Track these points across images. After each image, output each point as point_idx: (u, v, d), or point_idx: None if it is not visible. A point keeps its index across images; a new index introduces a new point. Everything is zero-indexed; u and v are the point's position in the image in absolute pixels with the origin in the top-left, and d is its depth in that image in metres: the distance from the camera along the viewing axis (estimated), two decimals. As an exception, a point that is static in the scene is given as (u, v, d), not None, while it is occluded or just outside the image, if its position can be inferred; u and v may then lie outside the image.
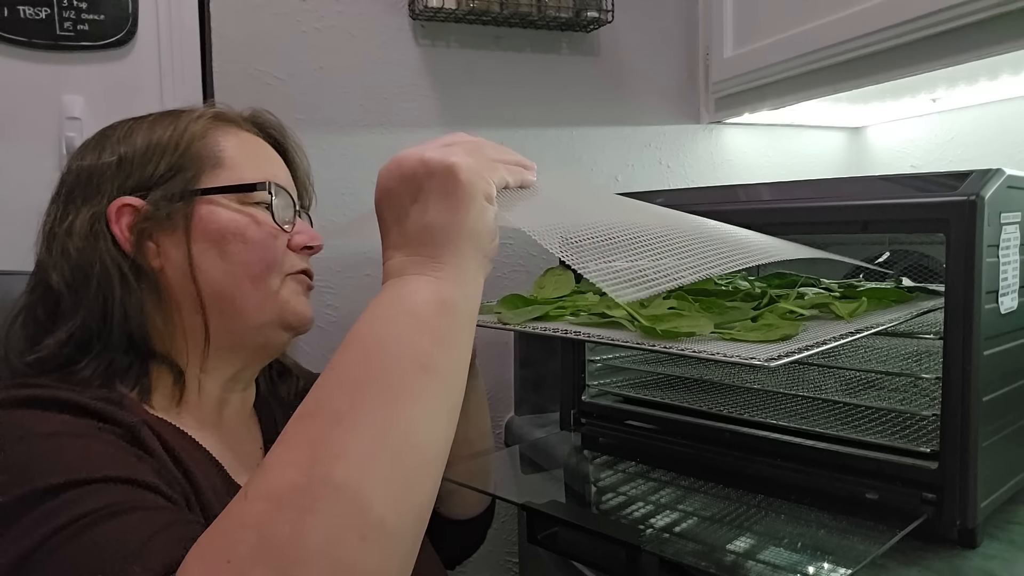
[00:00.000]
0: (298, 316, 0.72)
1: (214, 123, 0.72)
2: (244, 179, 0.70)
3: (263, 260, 0.69)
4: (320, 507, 0.41)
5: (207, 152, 0.69)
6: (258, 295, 0.69)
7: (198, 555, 0.42)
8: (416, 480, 0.45)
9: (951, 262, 0.68)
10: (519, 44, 1.35)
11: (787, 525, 0.75)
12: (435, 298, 0.50)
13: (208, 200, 0.68)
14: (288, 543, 0.40)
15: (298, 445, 0.44)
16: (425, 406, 0.46)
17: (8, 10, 1.04)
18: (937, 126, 1.41)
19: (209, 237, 0.67)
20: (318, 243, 0.75)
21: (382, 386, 0.45)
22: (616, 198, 0.76)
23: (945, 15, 0.98)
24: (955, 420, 0.69)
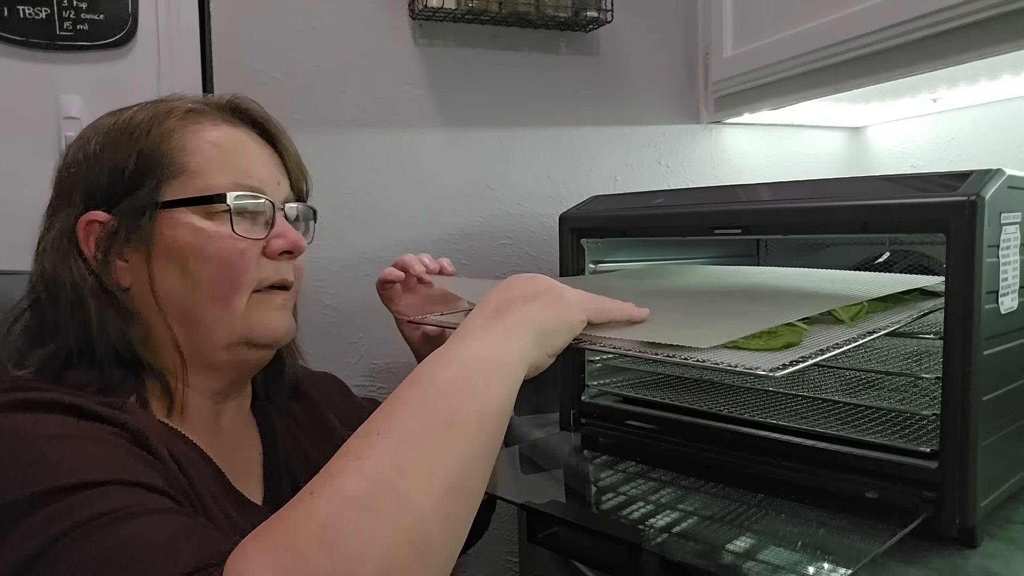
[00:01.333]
0: (268, 334, 0.68)
1: (184, 121, 0.67)
2: (208, 186, 0.66)
3: (225, 279, 0.65)
4: (383, 511, 0.45)
5: (171, 158, 0.65)
6: (224, 315, 0.66)
7: (258, 543, 0.45)
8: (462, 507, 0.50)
9: (951, 262, 0.68)
10: (518, 44, 1.34)
11: (787, 525, 0.75)
12: (496, 359, 0.56)
13: (170, 214, 0.65)
14: (350, 538, 0.44)
15: (366, 456, 0.48)
16: (479, 445, 0.52)
17: (8, 10, 1.04)
18: (937, 126, 1.41)
19: (170, 255, 0.65)
20: (298, 248, 0.70)
21: (447, 420, 0.51)
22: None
23: (945, 15, 0.98)
24: (955, 420, 0.69)
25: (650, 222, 0.97)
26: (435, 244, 1.30)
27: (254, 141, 0.71)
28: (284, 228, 0.69)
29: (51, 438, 0.53)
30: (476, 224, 1.33)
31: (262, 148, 0.71)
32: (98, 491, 0.49)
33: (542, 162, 1.37)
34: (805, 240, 1.20)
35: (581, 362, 1.03)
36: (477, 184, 1.33)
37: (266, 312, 0.68)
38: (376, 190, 1.27)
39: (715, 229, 0.89)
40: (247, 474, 0.70)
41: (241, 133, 0.70)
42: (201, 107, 0.70)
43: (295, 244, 0.69)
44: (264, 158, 0.71)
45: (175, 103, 0.69)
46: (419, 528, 0.46)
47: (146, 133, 0.66)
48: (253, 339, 0.68)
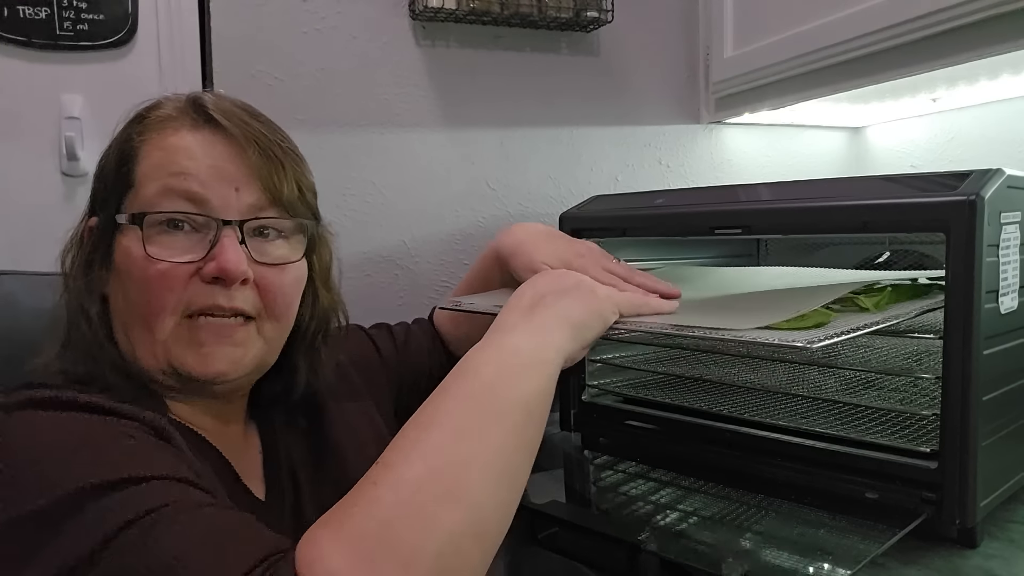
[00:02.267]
0: (188, 369, 0.62)
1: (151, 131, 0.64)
2: (140, 199, 0.63)
3: (145, 302, 0.61)
4: (445, 500, 0.48)
5: (129, 169, 0.63)
6: (147, 339, 0.62)
7: (329, 531, 0.47)
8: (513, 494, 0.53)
9: (951, 262, 0.68)
10: (519, 44, 1.34)
11: (787, 525, 0.75)
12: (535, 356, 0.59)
13: (122, 229, 0.63)
14: (417, 527, 0.47)
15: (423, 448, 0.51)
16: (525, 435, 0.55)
17: (8, 10, 1.04)
18: (937, 126, 1.41)
19: (116, 270, 0.64)
20: (228, 275, 0.61)
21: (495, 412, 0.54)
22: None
23: (945, 15, 0.98)
24: (955, 420, 0.69)
25: (650, 222, 0.97)
26: (436, 244, 1.30)
27: (211, 143, 0.64)
28: (221, 249, 0.61)
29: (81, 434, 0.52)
30: (477, 224, 1.33)
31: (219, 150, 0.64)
32: (145, 486, 0.49)
33: (543, 162, 1.37)
34: (805, 240, 1.20)
35: (581, 362, 1.03)
36: (478, 184, 1.33)
37: (191, 346, 0.62)
38: (378, 190, 1.26)
39: (715, 229, 0.89)
40: (249, 471, 0.69)
41: (200, 136, 0.64)
42: (174, 113, 0.66)
43: (223, 270, 0.61)
44: (218, 162, 0.63)
45: (154, 109, 0.67)
46: (477, 514, 0.49)
47: (120, 142, 0.65)
48: (177, 372, 0.62)
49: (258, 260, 0.64)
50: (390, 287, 1.27)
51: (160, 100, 0.68)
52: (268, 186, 0.65)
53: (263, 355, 0.67)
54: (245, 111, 0.68)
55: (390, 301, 1.26)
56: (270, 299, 0.65)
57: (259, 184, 0.64)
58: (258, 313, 0.65)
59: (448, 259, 1.31)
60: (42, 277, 0.82)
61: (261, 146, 0.65)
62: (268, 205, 0.65)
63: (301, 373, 0.74)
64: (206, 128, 0.64)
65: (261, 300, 0.65)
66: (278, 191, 0.65)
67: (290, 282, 0.68)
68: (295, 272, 0.68)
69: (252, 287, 0.64)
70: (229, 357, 0.63)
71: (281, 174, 0.66)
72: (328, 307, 0.75)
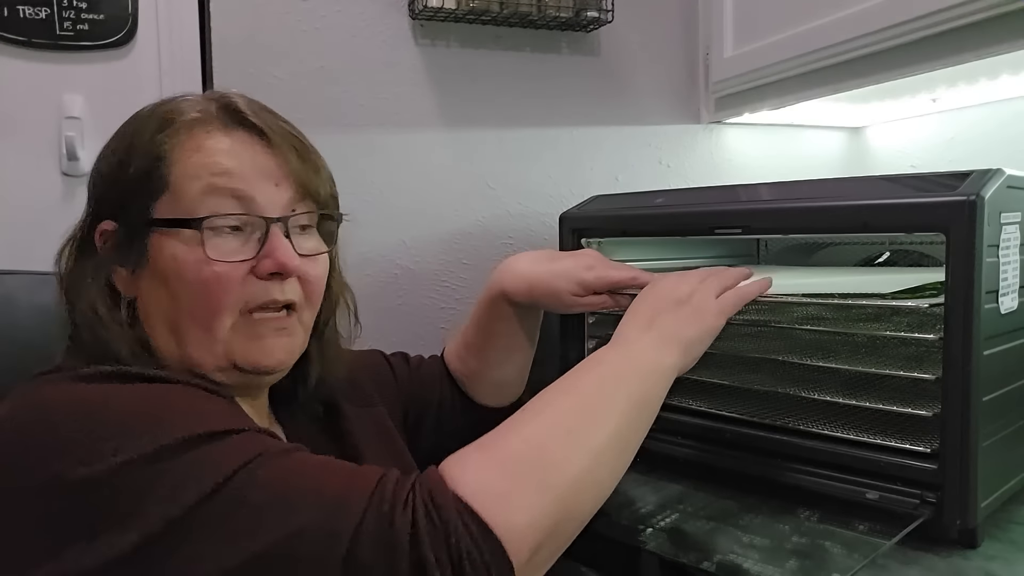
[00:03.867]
0: (252, 363, 0.65)
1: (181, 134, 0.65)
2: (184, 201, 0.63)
3: (205, 304, 0.63)
4: (579, 441, 0.57)
5: (161, 172, 0.63)
6: (206, 339, 0.63)
7: (479, 452, 0.55)
8: (622, 461, 0.62)
9: (951, 262, 0.68)
10: (519, 44, 1.34)
11: (787, 525, 0.75)
12: (652, 363, 0.67)
13: (159, 232, 0.63)
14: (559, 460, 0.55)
15: (562, 402, 0.61)
16: (637, 424, 0.63)
17: (8, 10, 1.04)
18: (937, 126, 1.41)
19: (158, 275, 0.64)
20: (286, 269, 0.64)
21: (625, 403, 0.62)
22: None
23: (945, 15, 0.98)
24: (955, 420, 0.69)
25: (650, 222, 0.97)
26: (436, 244, 1.30)
27: (248, 143, 0.66)
28: (275, 246, 0.64)
29: (159, 395, 0.55)
30: (477, 224, 1.33)
31: (256, 150, 0.66)
32: (236, 437, 0.52)
33: (543, 162, 1.37)
34: (805, 240, 1.20)
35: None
36: (478, 184, 1.33)
37: (253, 340, 0.65)
38: (377, 190, 1.26)
39: (715, 229, 0.89)
40: None
41: (235, 137, 0.66)
42: (202, 115, 0.66)
43: (282, 265, 0.64)
44: (258, 160, 0.66)
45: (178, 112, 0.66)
46: (596, 465, 0.57)
47: (144, 145, 0.64)
48: (239, 366, 0.65)
49: (300, 253, 0.67)
50: (390, 287, 1.27)
51: (179, 102, 0.68)
52: (302, 182, 0.68)
53: (303, 342, 0.70)
54: (270, 113, 0.70)
55: (390, 301, 1.26)
56: (309, 289, 0.68)
57: (294, 180, 0.67)
58: (300, 303, 0.68)
59: (448, 259, 1.31)
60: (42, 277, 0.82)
61: (295, 147, 0.68)
62: (301, 200, 0.68)
63: (315, 362, 0.76)
64: (239, 129, 0.66)
65: (302, 291, 0.68)
66: (315, 190, 0.69)
67: (322, 272, 0.71)
68: (324, 262, 0.71)
69: (295, 279, 0.67)
70: (286, 347, 0.67)
71: (315, 173, 0.70)
72: (338, 292, 0.78)
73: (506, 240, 1.35)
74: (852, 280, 0.88)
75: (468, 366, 0.97)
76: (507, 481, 0.52)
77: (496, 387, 0.96)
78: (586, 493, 0.56)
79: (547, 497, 0.52)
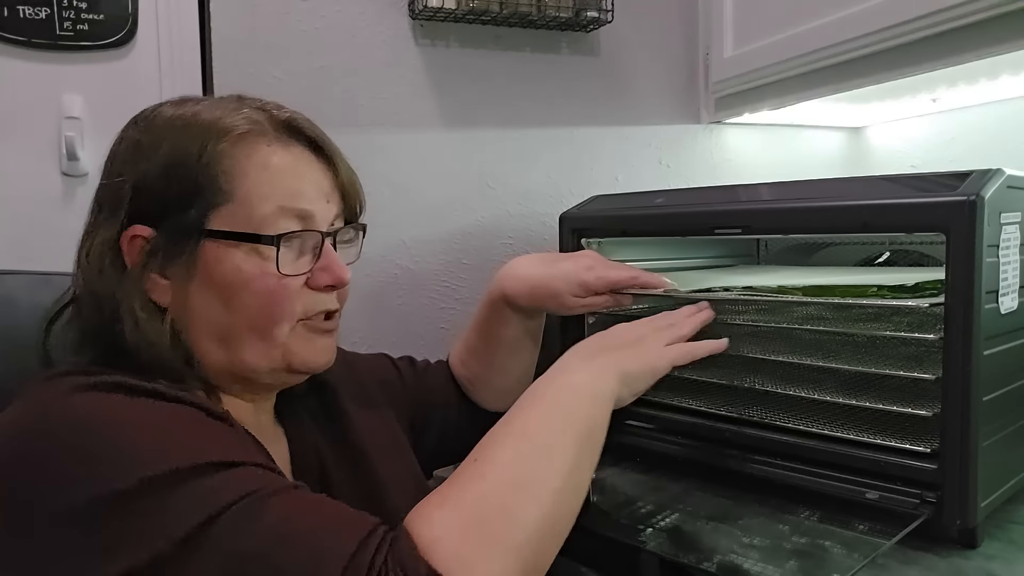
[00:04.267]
0: (308, 364, 0.69)
1: (239, 144, 0.65)
2: (254, 216, 0.64)
3: (268, 314, 0.65)
4: (533, 496, 0.56)
5: (220, 184, 0.63)
6: (263, 345, 0.66)
7: (441, 510, 0.54)
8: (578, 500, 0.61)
9: (951, 262, 0.68)
10: (519, 44, 1.34)
11: (787, 525, 0.75)
12: (593, 390, 0.67)
13: (215, 242, 0.63)
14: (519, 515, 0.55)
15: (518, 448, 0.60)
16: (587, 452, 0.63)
17: (8, 10, 1.04)
18: (937, 126, 1.41)
19: (213, 283, 0.64)
20: (342, 282, 0.69)
21: (574, 438, 0.62)
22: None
23: (945, 15, 0.98)
24: (955, 420, 0.69)
25: (650, 222, 0.97)
26: (436, 244, 1.30)
27: (306, 160, 0.68)
28: (330, 260, 0.68)
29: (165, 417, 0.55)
30: (477, 224, 1.33)
31: (313, 166, 0.69)
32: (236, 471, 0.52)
33: (543, 162, 1.37)
34: (805, 240, 1.20)
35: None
36: (477, 184, 1.33)
37: (308, 343, 0.68)
38: (377, 190, 1.26)
39: (715, 229, 0.89)
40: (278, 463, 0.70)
41: (294, 153, 0.68)
42: (259, 126, 0.66)
43: (339, 279, 0.68)
44: (315, 177, 0.68)
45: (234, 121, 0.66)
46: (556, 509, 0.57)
47: (198, 153, 0.63)
48: (294, 367, 0.68)
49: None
50: (390, 286, 1.27)
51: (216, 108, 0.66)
52: (349, 199, 0.72)
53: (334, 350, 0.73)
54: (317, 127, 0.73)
55: (390, 301, 1.26)
56: (343, 296, 0.72)
57: (340, 194, 0.71)
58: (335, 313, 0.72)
59: (448, 259, 1.31)
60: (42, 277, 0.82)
61: (343, 162, 0.72)
62: (342, 214, 0.72)
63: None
64: (295, 144, 0.68)
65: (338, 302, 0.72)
66: (356, 203, 0.74)
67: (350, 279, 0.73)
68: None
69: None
70: (329, 352, 0.71)
71: (356, 188, 0.74)
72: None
73: (506, 240, 1.35)
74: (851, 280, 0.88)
75: (472, 371, 0.97)
76: (473, 546, 0.52)
77: (500, 392, 0.96)
78: (549, 541, 0.57)
79: (512, 556, 0.53)
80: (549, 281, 0.90)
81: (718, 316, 0.98)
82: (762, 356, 0.90)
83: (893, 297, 0.78)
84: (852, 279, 0.88)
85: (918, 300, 0.74)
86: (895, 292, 0.80)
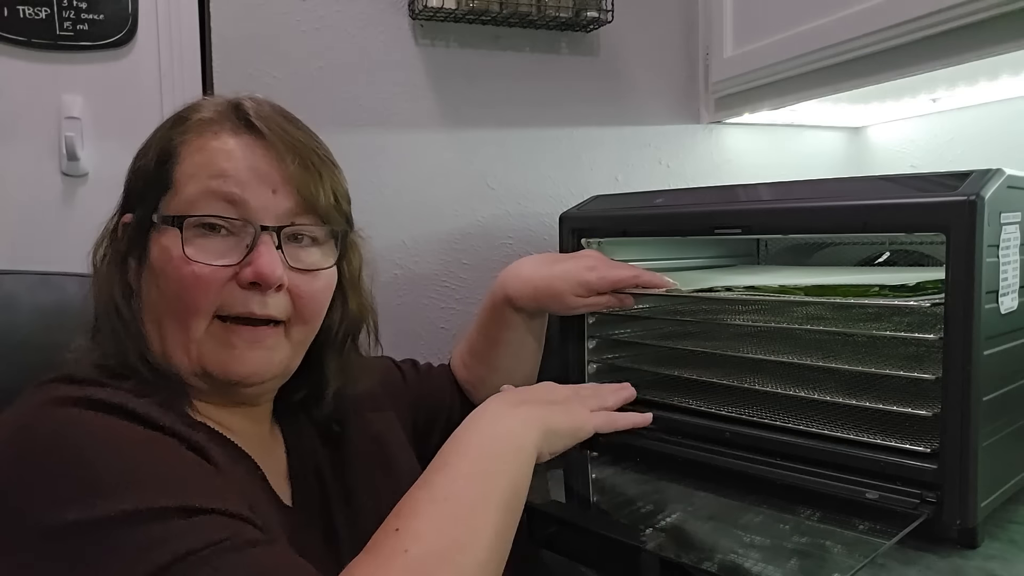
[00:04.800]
0: (224, 371, 0.63)
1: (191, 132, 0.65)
2: (182, 200, 0.63)
3: (180, 302, 0.62)
4: (461, 566, 0.53)
5: (168, 171, 0.64)
6: (182, 338, 0.63)
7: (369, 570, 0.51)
8: (503, 556, 0.57)
9: (951, 262, 0.68)
10: (519, 44, 1.34)
11: (787, 525, 0.75)
12: (515, 440, 0.64)
13: (160, 228, 0.64)
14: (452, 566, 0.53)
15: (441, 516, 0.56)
16: (510, 513, 0.59)
17: (8, 10, 1.04)
18: (937, 126, 1.41)
19: (151, 267, 0.64)
20: (266, 280, 0.62)
21: (498, 503, 0.58)
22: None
23: (945, 15, 0.98)
24: (955, 420, 0.69)
25: (650, 222, 0.97)
26: (436, 244, 1.30)
27: (251, 147, 0.65)
28: (259, 254, 0.62)
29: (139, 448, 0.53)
30: (476, 224, 1.33)
31: (258, 154, 0.64)
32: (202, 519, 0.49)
33: (542, 162, 1.37)
34: (805, 240, 1.20)
35: (581, 362, 1.03)
36: (477, 184, 1.33)
37: (225, 348, 0.63)
38: (377, 190, 1.26)
39: (715, 229, 0.89)
40: (273, 472, 0.69)
41: (243, 141, 0.65)
42: (214, 115, 0.66)
43: (262, 275, 0.62)
44: (259, 164, 0.64)
45: (194, 111, 0.67)
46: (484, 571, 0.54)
47: (159, 142, 0.66)
48: (208, 371, 0.63)
49: (292, 266, 0.65)
50: (390, 287, 1.27)
51: (201, 102, 0.69)
52: (305, 193, 0.65)
53: (290, 359, 0.68)
54: (284, 117, 0.69)
55: (390, 301, 1.26)
56: (301, 305, 0.66)
57: (296, 191, 0.65)
58: (288, 318, 0.66)
59: (448, 259, 1.31)
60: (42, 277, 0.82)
61: (299, 154, 0.66)
62: (303, 211, 0.66)
63: (331, 379, 0.74)
64: (247, 133, 0.65)
65: (292, 305, 0.66)
66: (314, 198, 0.66)
67: (321, 288, 0.68)
68: (326, 278, 0.69)
69: (285, 292, 0.65)
70: (259, 360, 0.64)
71: (318, 182, 0.66)
72: (358, 312, 0.76)
73: (506, 240, 1.35)
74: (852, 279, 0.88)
75: (475, 374, 0.97)
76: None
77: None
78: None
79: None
80: (551, 281, 0.90)
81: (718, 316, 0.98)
82: (762, 356, 0.90)
83: (895, 296, 0.78)
84: (852, 279, 0.88)
85: (919, 300, 0.74)
86: (897, 292, 0.80)
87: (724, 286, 0.91)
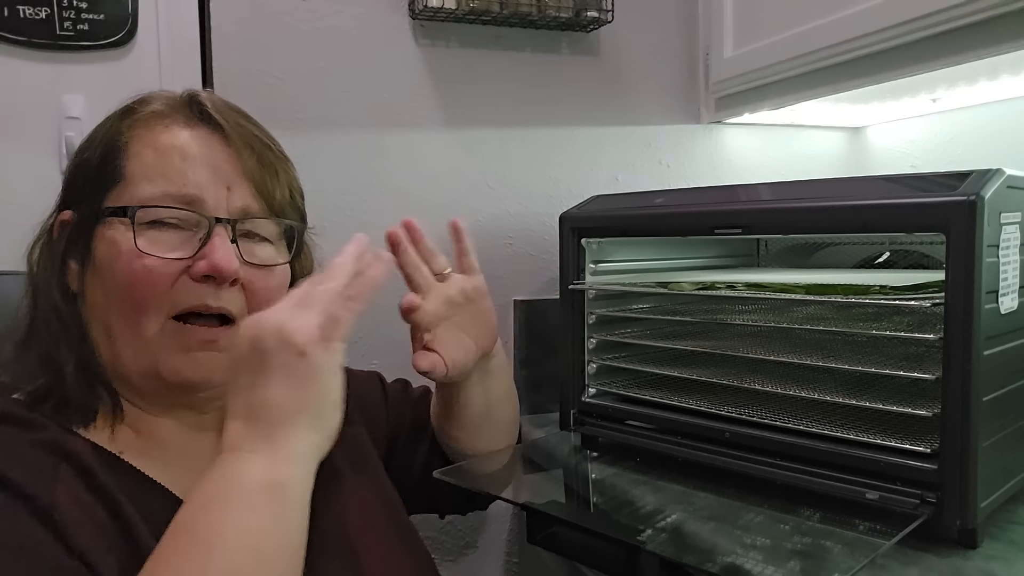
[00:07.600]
0: (175, 374, 0.60)
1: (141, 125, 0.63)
2: (137, 195, 0.61)
3: (131, 299, 0.59)
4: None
5: (117, 164, 0.62)
6: (133, 340, 0.60)
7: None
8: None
9: (951, 262, 0.68)
10: (519, 44, 1.34)
11: (787, 525, 0.75)
12: (267, 480, 0.51)
13: (106, 223, 0.61)
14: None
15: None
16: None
17: (8, 10, 1.04)
18: (937, 126, 1.41)
19: (96, 265, 0.61)
20: (220, 273, 0.60)
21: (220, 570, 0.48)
22: None
23: (945, 15, 0.97)
24: (955, 420, 0.69)
25: (651, 222, 0.97)
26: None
27: (207, 141, 0.63)
28: (213, 247, 0.60)
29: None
30: (477, 224, 1.33)
31: (214, 148, 0.63)
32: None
33: (543, 162, 1.37)
34: (805, 240, 1.20)
35: (581, 362, 1.03)
36: (478, 184, 1.33)
37: (180, 349, 0.61)
38: (377, 190, 1.27)
39: (715, 229, 0.89)
40: None
41: (198, 134, 0.63)
42: (166, 107, 0.64)
43: (216, 268, 0.60)
44: (214, 160, 0.63)
45: (143, 103, 0.65)
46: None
47: (106, 134, 0.63)
48: (163, 375, 0.60)
49: (247, 261, 0.64)
50: (390, 287, 1.26)
51: (149, 95, 0.67)
52: (261, 189, 0.64)
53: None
54: (238, 113, 0.67)
55: (390, 301, 1.25)
56: (256, 301, 0.64)
57: (251, 186, 0.64)
58: (241, 315, 0.64)
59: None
60: (42, 277, 0.82)
61: (255, 149, 0.65)
62: (258, 207, 0.65)
63: None
64: (201, 126, 0.64)
65: (247, 302, 0.64)
66: (270, 194, 0.65)
67: (276, 285, 0.67)
68: (281, 275, 0.68)
69: (239, 288, 0.63)
70: (213, 363, 0.62)
71: (274, 178, 0.66)
72: None
73: (506, 240, 1.35)
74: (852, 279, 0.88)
75: (450, 436, 0.88)
76: None
77: (488, 445, 0.89)
78: None
79: None
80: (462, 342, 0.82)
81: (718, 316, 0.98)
82: (762, 356, 0.90)
83: (895, 296, 0.78)
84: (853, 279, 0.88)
85: (919, 299, 0.74)
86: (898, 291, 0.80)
87: (726, 283, 0.91)
